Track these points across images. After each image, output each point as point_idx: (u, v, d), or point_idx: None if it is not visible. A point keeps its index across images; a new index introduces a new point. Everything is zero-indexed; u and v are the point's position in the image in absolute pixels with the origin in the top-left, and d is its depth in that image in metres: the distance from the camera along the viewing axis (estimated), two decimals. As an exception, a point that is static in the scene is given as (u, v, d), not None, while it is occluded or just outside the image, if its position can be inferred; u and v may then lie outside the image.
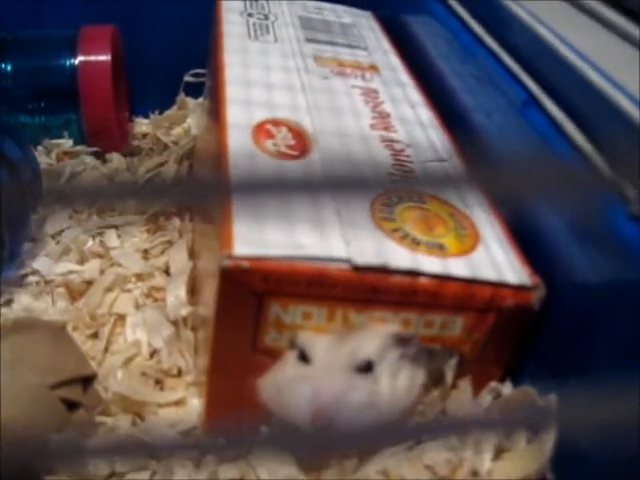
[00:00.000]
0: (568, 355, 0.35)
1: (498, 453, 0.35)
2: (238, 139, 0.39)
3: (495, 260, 0.34)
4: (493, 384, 0.37)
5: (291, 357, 0.34)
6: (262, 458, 0.36)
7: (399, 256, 0.33)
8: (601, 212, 0.32)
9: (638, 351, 0.31)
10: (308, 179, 0.37)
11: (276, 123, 0.41)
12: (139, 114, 0.66)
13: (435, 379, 0.36)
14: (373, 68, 0.51)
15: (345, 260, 0.32)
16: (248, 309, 0.32)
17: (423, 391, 0.36)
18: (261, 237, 0.32)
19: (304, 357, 0.34)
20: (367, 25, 0.59)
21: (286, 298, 0.32)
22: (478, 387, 0.37)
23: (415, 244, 0.34)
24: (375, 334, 0.34)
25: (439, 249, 0.34)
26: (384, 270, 0.32)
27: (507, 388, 0.37)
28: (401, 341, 0.34)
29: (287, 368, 0.34)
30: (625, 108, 0.32)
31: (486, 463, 0.34)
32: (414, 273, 0.32)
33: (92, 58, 0.58)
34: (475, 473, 0.34)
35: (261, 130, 0.40)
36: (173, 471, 0.36)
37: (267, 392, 0.35)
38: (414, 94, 0.49)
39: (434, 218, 0.36)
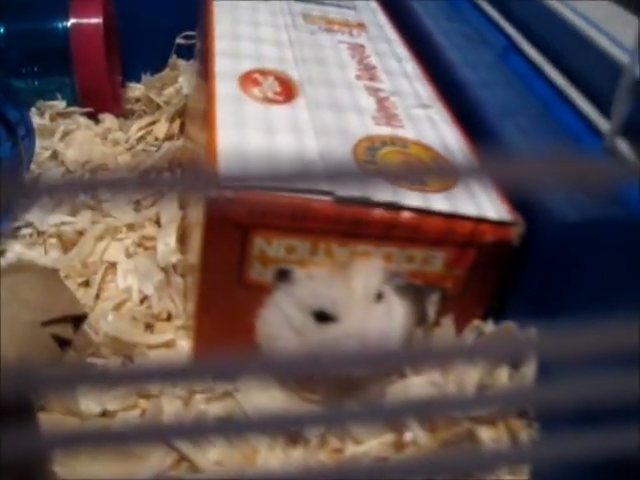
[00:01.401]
0: (549, 292, 0.35)
1: (480, 388, 0.36)
2: (226, 87, 0.40)
3: (475, 196, 0.35)
4: (475, 322, 0.37)
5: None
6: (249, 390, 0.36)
7: (381, 190, 0.33)
8: (576, 146, 0.33)
9: (617, 285, 0.31)
10: (293, 122, 0.38)
11: (263, 73, 0.42)
12: (132, 79, 0.66)
13: (418, 317, 0.37)
14: (361, 26, 0.52)
15: (328, 193, 0.33)
16: (233, 241, 0.33)
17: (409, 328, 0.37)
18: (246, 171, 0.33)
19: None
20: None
21: (270, 231, 0.33)
22: (461, 325, 0.37)
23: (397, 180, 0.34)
24: (372, 268, 0.34)
25: (420, 184, 0.35)
26: (366, 203, 0.33)
27: (489, 326, 0.37)
28: (388, 275, 0.35)
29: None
30: (600, 43, 0.32)
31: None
32: (396, 207, 0.33)
33: (84, 20, 0.58)
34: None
35: (248, 79, 0.41)
36: (162, 409, 0.37)
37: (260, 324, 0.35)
38: (400, 49, 0.49)
39: (416, 160, 0.37)
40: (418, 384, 0.36)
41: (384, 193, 0.33)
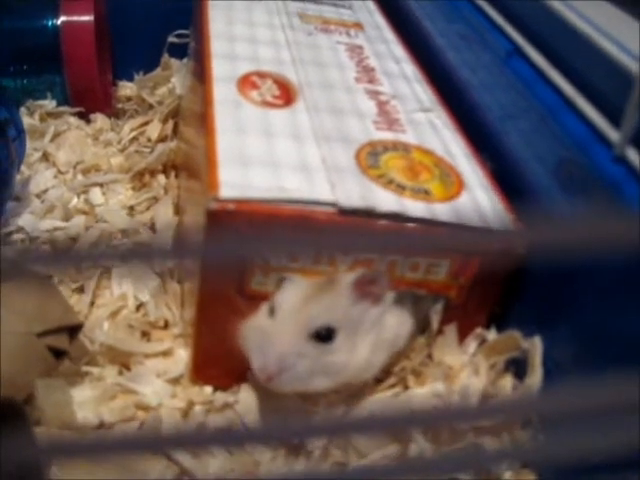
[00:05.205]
0: (551, 300, 0.35)
1: (484, 398, 0.35)
2: (223, 90, 0.39)
3: (479, 206, 0.35)
4: (478, 330, 0.37)
5: (265, 308, 0.34)
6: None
7: (385, 200, 0.33)
8: (585, 154, 0.32)
9: (619, 293, 0.31)
10: (293, 126, 0.37)
11: (261, 75, 0.41)
12: (123, 77, 0.65)
13: (421, 325, 0.37)
14: (358, 26, 0.51)
15: (331, 203, 0.32)
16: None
17: (411, 337, 0.36)
18: (247, 181, 0.32)
19: (272, 311, 0.33)
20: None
21: (272, 241, 0.32)
22: (464, 333, 0.37)
23: (401, 189, 0.34)
24: (336, 295, 0.33)
25: (424, 194, 0.34)
26: (370, 213, 0.32)
27: (492, 334, 0.37)
28: (368, 284, 0.34)
29: (258, 317, 0.34)
30: (609, 50, 0.32)
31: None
32: (400, 217, 0.33)
33: (75, 18, 0.57)
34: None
35: (246, 81, 0.40)
36: (161, 421, 0.36)
37: (241, 338, 0.34)
38: (399, 50, 0.48)
39: (419, 166, 0.36)
40: (422, 395, 0.36)
41: (388, 203, 0.33)
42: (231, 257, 0.16)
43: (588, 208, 0.33)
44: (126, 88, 0.64)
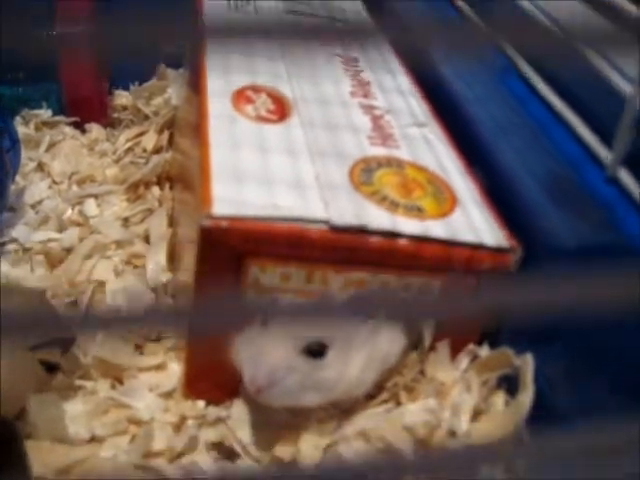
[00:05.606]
0: (545, 317, 0.35)
1: (476, 415, 0.36)
2: (218, 104, 0.39)
3: (473, 222, 0.35)
4: (470, 346, 0.37)
5: (257, 321, 0.34)
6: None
7: (378, 217, 0.33)
8: (578, 174, 0.33)
9: (615, 311, 0.31)
10: (288, 142, 0.37)
11: (256, 89, 0.41)
12: (119, 86, 0.65)
13: (414, 341, 0.37)
14: (353, 38, 0.51)
15: (324, 221, 0.32)
16: (227, 270, 0.32)
17: (402, 353, 0.36)
18: (241, 198, 0.32)
19: (265, 325, 0.33)
20: (348, -4, 0.59)
21: (265, 259, 0.32)
22: (456, 350, 0.37)
23: (394, 206, 0.34)
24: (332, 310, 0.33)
25: (417, 211, 0.34)
26: (363, 231, 0.32)
27: (484, 351, 0.37)
28: (361, 301, 0.33)
29: (251, 331, 0.34)
30: (602, 71, 0.32)
31: (464, 424, 0.35)
32: (393, 234, 0.33)
33: (71, 28, 0.57)
34: (453, 434, 0.35)
35: (241, 96, 0.40)
36: (153, 435, 0.36)
37: (233, 351, 0.35)
38: (394, 63, 0.49)
39: (412, 182, 0.36)
40: (414, 411, 0.36)
41: (381, 220, 0.33)
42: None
43: (581, 228, 0.33)
44: (122, 97, 0.64)
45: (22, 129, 0.56)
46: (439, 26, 0.17)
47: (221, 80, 0.41)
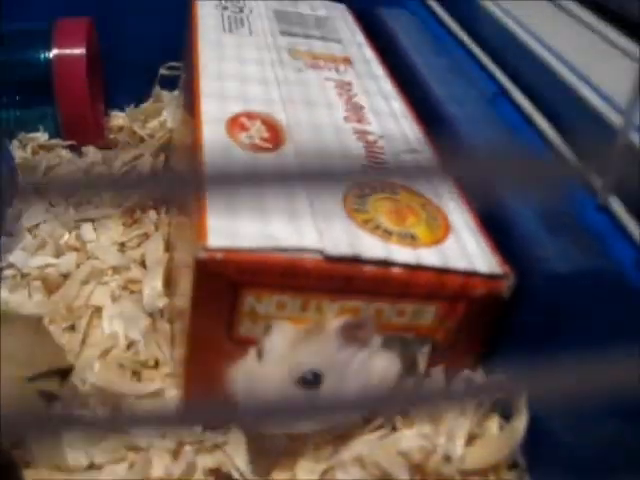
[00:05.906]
0: (538, 342, 0.35)
1: (470, 439, 0.36)
2: (213, 132, 0.40)
3: (466, 249, 0.35)
4: (465, 372, 0.37)
5: (253, 352, 0.34)
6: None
7: (371, 246, 0.33)
8: (569, 202, 0.33)
9: (606, 337, 0.31)
10: (281, 171, 0.37)
11: (250, 116, 0.42)
12: (115, 107, 0.66)
13: (408, 368, 0.37)
14: (347, 61, 0.52)
15: (318, 251, 0.33)
16: (223, 300, 0.33)
17: (398, 379, 0.37)
18: (235, 229, 0.33)
19: (260, 355, 0.34)
20: (341, 18, 0.60)
21: (260, 289, 0.33)
22: (451, 375, 0.37)
23: (387, 234, 0.34)
24: (323, 341, 0.34)
25: (411, 239, 0.34)
26: (357, 260, 0.33)
27: (479, 376, 0.37)
28: (354, 329, 0.34)
29: (247, 361, 0.34)
30: (592, 102, 0.32)
31: (458, 449, 0.35)
32: (386, 263, 0.33)
33: (67, 51, 0.58)
34: (448, 459, 0.35)
35: (235, 123, 0.41)
36: (151, 462, 0.36)
37: (230, 381, 0.35)
38: (387, 86, 0.49)
39: (405, 209, 0.37)
40: (409, 436, 0.36)
41: (375, 249, 0.33)
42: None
43: (573, 255, 0.34)
44: (118, 118, 0.64)
45: (19, 153, 0.57)
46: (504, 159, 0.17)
47: (215, 106, 0.42)
